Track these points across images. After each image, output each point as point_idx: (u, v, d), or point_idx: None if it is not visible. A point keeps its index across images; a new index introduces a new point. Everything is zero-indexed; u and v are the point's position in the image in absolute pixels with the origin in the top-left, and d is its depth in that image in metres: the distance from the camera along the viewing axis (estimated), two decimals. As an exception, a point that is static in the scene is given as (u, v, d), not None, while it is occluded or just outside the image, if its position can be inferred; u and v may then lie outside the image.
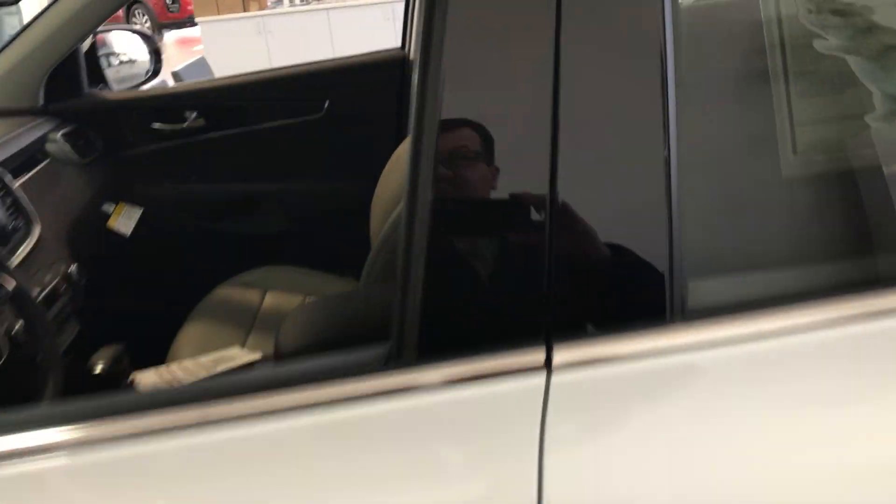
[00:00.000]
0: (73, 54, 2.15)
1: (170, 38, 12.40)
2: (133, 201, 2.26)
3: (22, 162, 1.91)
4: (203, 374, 1.68)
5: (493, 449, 0.78)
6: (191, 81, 2.38)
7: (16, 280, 1.27)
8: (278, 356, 1.47)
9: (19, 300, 1.27)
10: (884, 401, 0.79)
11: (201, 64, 6.08)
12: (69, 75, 2.17)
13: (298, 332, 1.49)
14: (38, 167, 1.95)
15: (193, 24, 9.73)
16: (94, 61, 2.28)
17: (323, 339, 1.48)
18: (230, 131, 2.29)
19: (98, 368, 1.43)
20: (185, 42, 11.65)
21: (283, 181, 2.34)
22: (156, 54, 2.43)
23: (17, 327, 1.31)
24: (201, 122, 2.29)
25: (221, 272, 2.14)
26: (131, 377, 1.51)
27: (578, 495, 0.77)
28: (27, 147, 1.96)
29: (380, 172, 1.93)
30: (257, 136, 2.30)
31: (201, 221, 2.35)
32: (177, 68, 5.53)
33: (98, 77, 2.30)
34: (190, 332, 1.88)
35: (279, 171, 2.33)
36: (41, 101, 2.14)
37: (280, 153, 2.31)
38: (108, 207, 2.19)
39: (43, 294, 1.58)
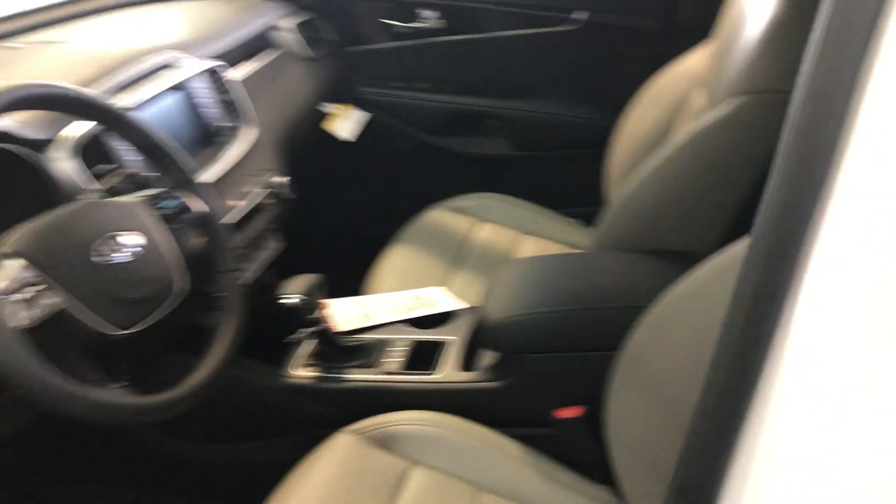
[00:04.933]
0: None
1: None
2: (359, 104, 2.12)
3: (249, 51, 1.80)
4: (401, 314, 1.53)
5: None
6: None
7: (205, 201, 1.14)
8: (484, 323, 1.29)
9: (207, 223, 1.15)
10: None
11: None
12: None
13: (507, 301, 1.29)
14: (266, 59, 1.82)
15: None
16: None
17: (537, 316, 1.27)
18: (466, 37, 2.04)
19: (291, 297, 1.31)
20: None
21: (517, 99, 2.07)
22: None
23: (201, 254, 1.20)
24: (441, 23, 2.06)
25: (434, 192, 1.96)
26: (324, 305, 1.37)
27: None
28: (259, 34, 1.84)
29: (628, 104, 1.63)
30: (496, 44, 2.03)
31: (421, 134, 2.16)
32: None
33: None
34: (394, 258, 1.74)
35: (513, 87, 2.07)
36: (275, -16, 2.02)
37: (518, 67, 2.04)
38: (329, 107, 2.06)
39: (246, 208, 1.46)
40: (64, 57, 1.40)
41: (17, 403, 1.05)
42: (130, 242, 0.99)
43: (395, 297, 1.58)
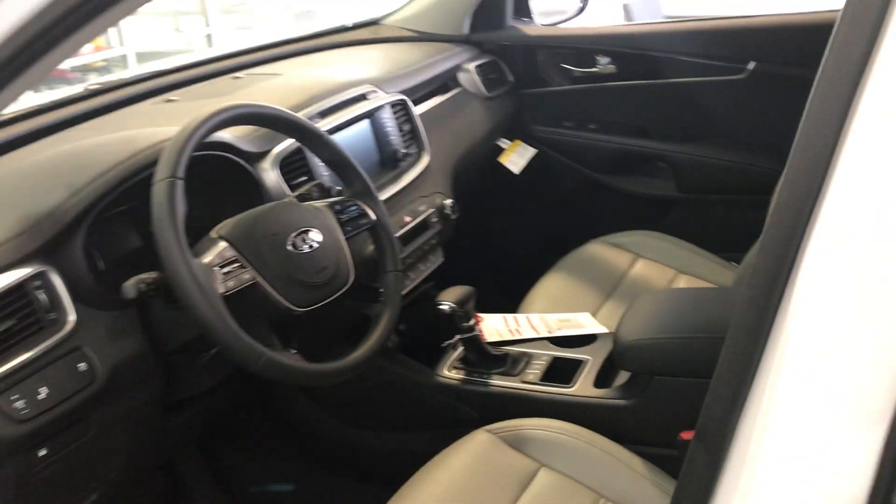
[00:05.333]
0: (501, -14, 2.19)
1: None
2: (528, 140, 2.27)
3: (433, 88, 2.01)
4: (545, 332, 1.64)
5: None
6: (608, 25, 2.25)
7: (378, 211, 1.33)
8: (616, 344, 1.37)
9: (378, 231, 1.33)
10: None
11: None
12: (494, 7, 2.22)
13: (639, 325, 1.36)
14: (446, 95, 2.03)
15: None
16: (522, -6, 2.30)
17: (664, 341, 1.34)
18: (639, 82, 2.13)
19: (444, 305, 1.46)
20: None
21: (683, 143, 2.13)
22: (585, -8, 2.36)
23: (370, 255, 1.39)
24: (612, 68, 2.17)
25: (595, 227, 2.06)
26: (475, 318, 1.51)
27: None
28: (443, 73, 2.05)
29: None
30: (667, 90, 2.11)
31: (589, 172, 2.27)
32: (628, 1, 5.44)
33: (524, 10, 2.31)
34: (549, 284, 1.85)
35: (681, 131, 2.13)
36: (465, 31, 2.23)
37: (688, 112, 2.10)
38: (502, 143, 2.22)
39: (413, 223, 1.64)
40: (278, 86, 1.67)
41: (211, 363, 1.27)
42: (314, 238, 1.18)
43: (543, 318, 1.69)
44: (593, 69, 2.21)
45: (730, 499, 0.56)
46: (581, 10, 2.37)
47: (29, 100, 1.51)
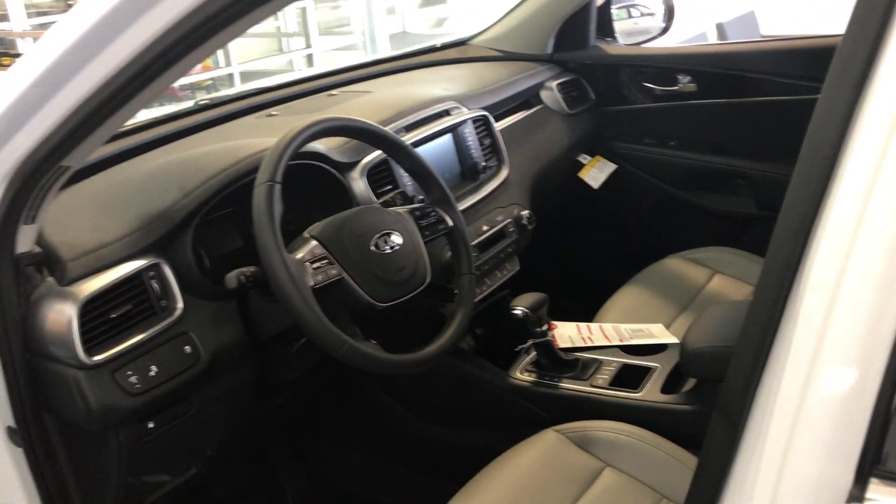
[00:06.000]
0: (585, 7, 2.26)
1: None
2: (608, 156, 2.32)
3: (516, 104, 2.10)
4: (617, 341, 1.69)
5: None
6: (689, 45, 2.29)
7: (455, 218, 1.42)
8: (682, 350, 1.41)
9: (455, 236, 1.42)
10: None
11: (749, 19, 5.81)
12: (578, 27, 2.29)
13: (705, 333, 1.40)
14: (528, 112, 2.11)
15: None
16: (606, 14, 2.35)
17: (729, 348, 1.36)
18: (719, 100, 2.16)
19: (517, 310, 1.54)
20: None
21: (764, 161, 2.14)
22: (669, 12, 2.40)
23: (446, 258, 1.48)
24: (693, 86, 2.21)
25: (673, 242, 2.09)
26: (548, 325, 1.58)
27: None
28: (525, 91, 2.14)
29: None
30: (747, 109, 2.13)
31: (669, 188, 2.30)
32: (723, 20, 5.37)
33: (607, 30, 2.37)
34: (624, 296, 1.89)
35: (762, 149, 2.14)
36: (549, 50, 2.31)
37: (769, 130, 2.11)
38: (583, 158, 2.28)
39: (490, 232, 1.73)
40: (369, 102, 1.79)
41: (300, 352, 1.39)
42: (395, 240, 1.28)
43: (616, 327, 1.74)
44: (674, 87, 2.24)
45: (748, 465, 0.63)
46: (665, 30, 2.41)
47: (144, 114, 1.69)
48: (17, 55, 5.49)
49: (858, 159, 0.60)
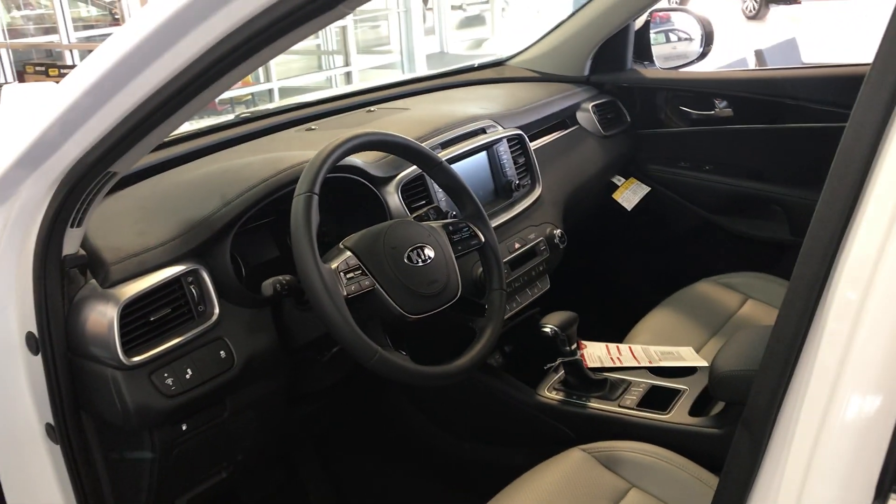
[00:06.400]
0: (623, 30, 2.27)
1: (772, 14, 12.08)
2: (642, 179, 2.33)
3: (551, 125, 2.11)
4: (646, 362, 1.69)
5: None
6: (726, 70, 2.29)
7: (487, 234, 1.44)
8: (711, 373, 1.41)
9: (486, 252, 1.44)
10: None
11: (790, 45, 5.77)
12: (616, 50, 2.30)
13: (734, 356, 1.40)
14: (563, 132, 2.13)
15: (797, 1, 9.34)
16: (644, 38, 2.37)
17: (753, 374, 1.36)
18: (756, 126, 2.16)
19: (546, 328, 1.55)
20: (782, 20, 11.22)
21: (801, 187, 2.13)
22: (708, 37, 2.41)
23: (478, 274, 1.50)
24: (729, 111, 2.21)
25: (706, 266, 2.08)
26: (578, 344, 1.59)
27: None
28: (560, 112, 2.15)
29: None
30: (784, 135, 2.12)
31: (703, 212, 2.30)
32: (763, 47, 5.34)
33: (644, 54, 2.38)
34: (655, 318, 1.89)
35: (798, 176, 2.13)
36: (586, 72, 2.33)
37: (804, 158, 2.10)
38: (617, 180, 2.29)
39: (522, 249, 1.74)
40: (406, 119, 1.82)
41: (332, 362, 1.41)
42: (428, 254, 1.30)
43: (646, 348, 1.74)
44: (710, 112, 2.25)
45: (770, 481, 0.63)
46: (703, 55, 2.41)
47: (187, 126, 1.74)
48: (65, 66, 5.66)
49: (884, 184, 0.61)
